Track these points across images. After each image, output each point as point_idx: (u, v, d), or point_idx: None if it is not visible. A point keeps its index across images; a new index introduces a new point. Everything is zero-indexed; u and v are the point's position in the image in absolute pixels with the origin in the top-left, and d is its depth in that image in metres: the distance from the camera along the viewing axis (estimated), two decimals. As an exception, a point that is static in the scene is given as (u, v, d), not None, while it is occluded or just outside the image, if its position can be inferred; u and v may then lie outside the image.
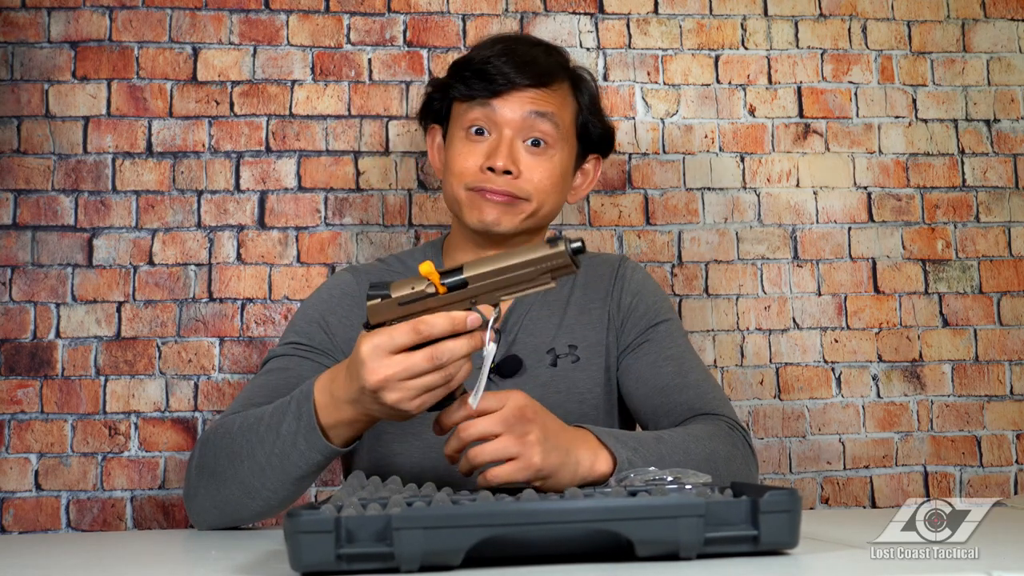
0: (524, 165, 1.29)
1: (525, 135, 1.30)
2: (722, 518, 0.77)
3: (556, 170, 1.32)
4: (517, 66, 1.29)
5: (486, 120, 1.30)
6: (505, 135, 1.29)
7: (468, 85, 1.30)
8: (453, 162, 1.31)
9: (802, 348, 2.00)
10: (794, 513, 0.78)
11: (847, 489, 1.97)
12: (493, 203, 1.29)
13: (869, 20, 2.09)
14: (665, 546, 0.76)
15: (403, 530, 0.73)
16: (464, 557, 0.74)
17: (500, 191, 1.28)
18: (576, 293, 1.39)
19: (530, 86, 1.29)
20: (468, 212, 1.30)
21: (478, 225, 1.30)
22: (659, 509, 0.76)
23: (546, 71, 1.31)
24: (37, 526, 1.83)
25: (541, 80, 1.30)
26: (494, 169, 1.27)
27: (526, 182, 1.29)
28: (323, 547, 0.73)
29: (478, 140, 1.30)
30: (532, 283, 0.96)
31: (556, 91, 1.33)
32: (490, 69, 1.29)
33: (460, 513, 0.76)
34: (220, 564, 0.89)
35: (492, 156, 1.28)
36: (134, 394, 1.87)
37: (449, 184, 1.32)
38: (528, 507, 0.77)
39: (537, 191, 1.30)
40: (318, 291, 1.41)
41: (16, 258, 1.89)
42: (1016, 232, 2.06)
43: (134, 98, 1.94)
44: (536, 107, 1.29)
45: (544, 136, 1.31)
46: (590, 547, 0.77)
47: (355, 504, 0.84)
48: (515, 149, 1.29)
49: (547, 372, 1.33)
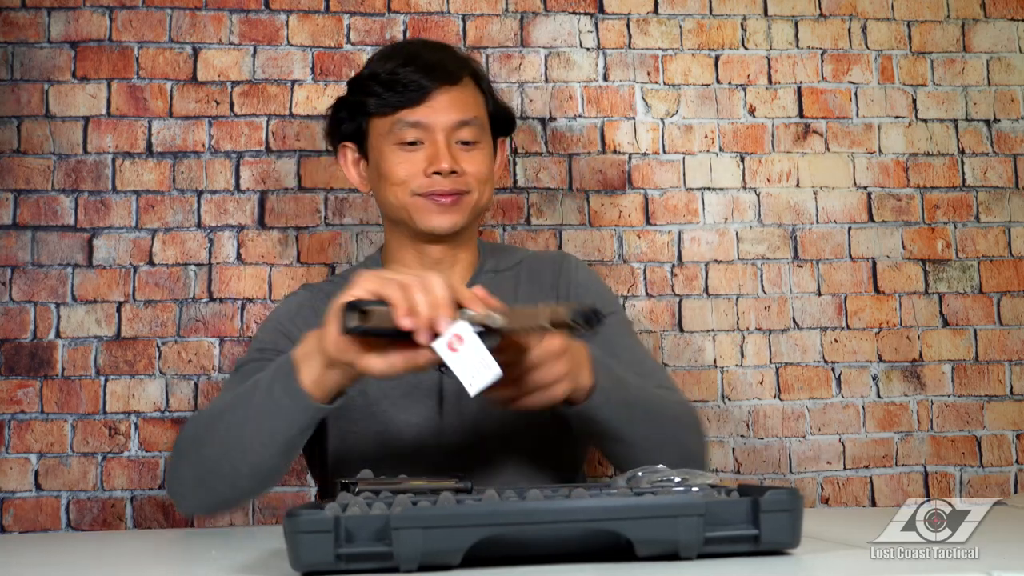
0: (462, 162, 1.34)
1: (454, 137, 1.35)
2: (722, 518, 0.77)
3: (487, 160, 1.38)
4: (426, 71, 1.33)
5: (417, 130, 1.33)
6: (439, 139, 1.33)
7: (383, 98, 1.33)
8: (392, 172, 1.34)
9: (802, 348, 2.00)
10: (795, 513, 0.78)
11: (847, 489, 1.97)
12: (443, 206, 1.33)
13: (869, 20, 2.09)
14: (665, 546, 0.75)
15: (402, 530, 0.73)
16: (463, 557, 0.74)
17: (448, 191, 1.32)
18: (521, 288, 1.41)
19: (445, 85, 1.34)
20: (419, 218, 1.34)
21: (431, 230, 1.34)
22: (659, 508, 0.76)
23: (453, 69, 1.35)
24: (37, 526, 1.83)
25: (452, 78, 1.34)
26: (440, 172, 1.31)
27: (468, 177, 1.34)
28: (322, 547, 0.74)
29: (413, 150, 1.34)
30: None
31: (466, 86, 1.37)
32: (402, 79, 1.32)
33: (459, 513, 0.76)
34: (219, 564, 0.89)
35: (435, 161, 1.32)
36: (134, 394, 1.87)
37: (392, 194, 1.35)
38: (527, 507, 0.77)
39: (477, 183, 1.35)
40: (275, 310, 1.44)
41: (16, 258, 1.89)
42: (1016, 232, 2.06)
43: (134, 98, 1.94)
44: (460, 115, 1.34)
45: (471, 136, 1.36)
46: (590, 547, 0.77)
47: (359, 503, 0.84)
48: (452, 149, 1.33)
49: None
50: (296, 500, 1.87)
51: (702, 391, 1.97)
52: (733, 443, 1.96)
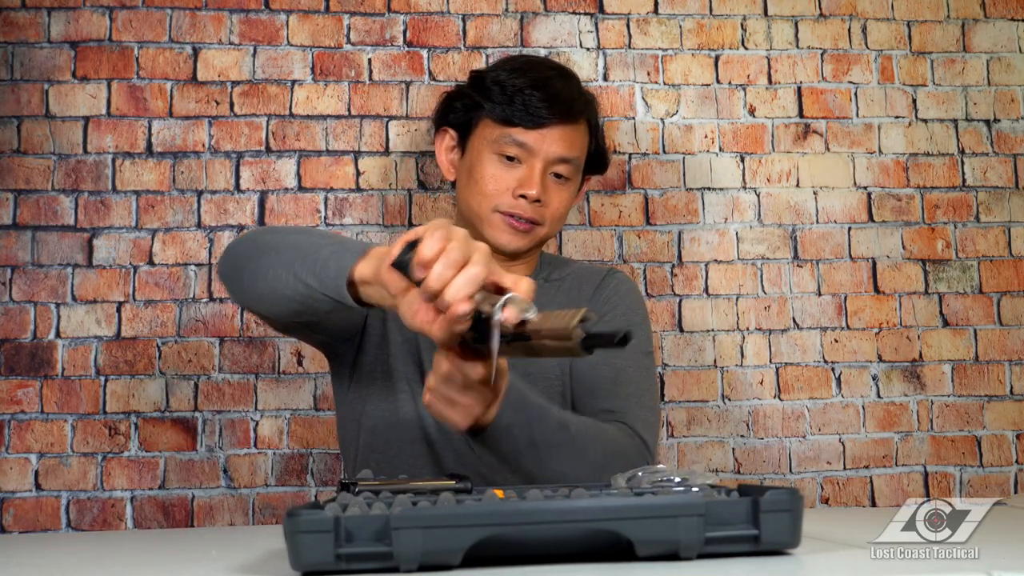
0: (549, 194, 1.39)
1: (552, 169, 1.40)
2: (723, 518, 0.77)
3: (570, 198, 1.44)
4: (550, 102, 1.37)
5: (522, 150, 1.38)
6: (537, 166, 1.37)
7: (505, 113, 1.37)
8: (484, 183, 1.38)
9: (802, 348, 2.00)
10: (795, 513, 0.78)
11: (847, 489, 1.97)
12: (516, 231, 1.38)
13: (869, 20, 2.09)
14: (665, 546, 0.75)
15: (402, 530, 0.73)
16: (463, 557, 0.74)
17: (528, 218, 1.38)
18: (561, 298, 1.46)
19: (561, 122, 1.39)
20: (490, 231, 1.39)
21: (496, 246, 1.38)
22: (659, 509, 0.76)
23: (576, 110, 1.41)
24: (37, 526, 1.83)
25: (571, 118, 1.40)
26: (527, 197, 1.36)
27: (547, 209, 1.39)
28: (322, 547, 0.74)
29: (510, 165, 1.38)
30: None
31: (579, 127, 1.42)
32: (527, 99, 1.37)
33: (459, 513, 0.76)
34: (219, 564, 0.89)
35: (526, 184, 1.37)
36: (134, 394, 1.87)
37: (476, 202, 1.39)
38: (527, 507, 0.77)
39: (553, 218, 1.41)
40: None
41: (16, 258, 1.89)
42: (1016, 232, 2.06)
43: (134, 98, 1.94)
44: (565, 152, 1.39)
45: (567, 172, 1.42)
46: (590, 547, 0.77)
47: (359, 503, 0.84)
48: (546, 180, 1.38)
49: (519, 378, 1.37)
50: (296, 500, 1.87)
51: (702, 391, 1.97)
52: (733, 443, 1.96)
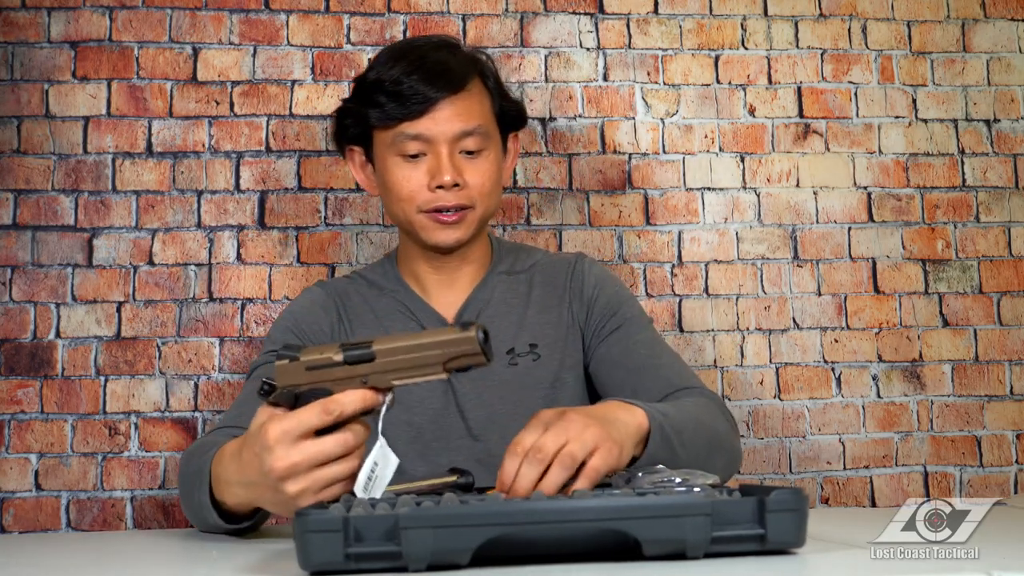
0: (466, 174, 1.31)
1: (458, 147, 1.32)
2: (729, 517, 0.77)
3: (493, 168, 1.34)
4: (431, 79, 1.29)
5: (418, 142, 1.31)
6: (442, 151, 1.30)
7: (386, 111, 1.30)
8: (398, 187, 1.32)
9: (802, 348, 2.00)
10: (800, 512, 0.78)
11: (847, 489, 1.97)
12: (447, 224, 1.31)
13: (869, 20, 2.09)
14: (672, 545, 0.76)
15: (411, 529, 0.73)
16: (471, 556, 0.74)
17: (452, 205, 1.30)
18: (535, 291, 1.41)
19: (449, 95, 1.30)
20: (424, 234, 1.33)
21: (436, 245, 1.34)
22: (666, 508, 0.76)
23: (459, 75, 1.31)
24: (37, 526, 1.83)
25: (457, 86, 1.31)
26: (443, 186, 1.29)
27: (471, 189, 1.32)
28: (332, 546, 0.74)
29: (415, 162, 1.31)
30: (429, 369, 0.94)
31: (472, 91, 1.33)
32: (405, 90, 1.29)
33: (468, 512, 0.76)
34: (219, 564, 0.89)
35: (437, 174, 1.29)
36: (134, 394, 1.87)
37: (399, 208, 1.34)
38: (535, 506, 0.77)
39: (481, 195, 1.33)
40: (289, 306, 1.44)
41: (16, 258, 1.89)
42: (1016, 232, 2.06)
43: (134, 98, 1.94)
44: (464, 124, 1.31)
45: (476, 145, 1.33)
46: (597, 546, 0.77)
47: (364, 503, 0.84)
48: (456, 161, 1.31)
49: (507, 372, 1.35)
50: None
51: (702, 391, 1.97)
52: (733, 443, 1.96)
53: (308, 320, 1.37)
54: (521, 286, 1.41)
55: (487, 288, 1.40)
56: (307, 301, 1.41)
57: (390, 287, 1.42)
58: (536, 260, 1.45)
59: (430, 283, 1.40)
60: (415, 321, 1.38)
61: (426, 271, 1.40)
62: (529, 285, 1.42)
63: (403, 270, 1.43)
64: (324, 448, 0.92)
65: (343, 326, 1.39)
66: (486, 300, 1.40)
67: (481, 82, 1.36)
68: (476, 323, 0.93)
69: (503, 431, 1.28)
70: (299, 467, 0.92)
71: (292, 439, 0.92)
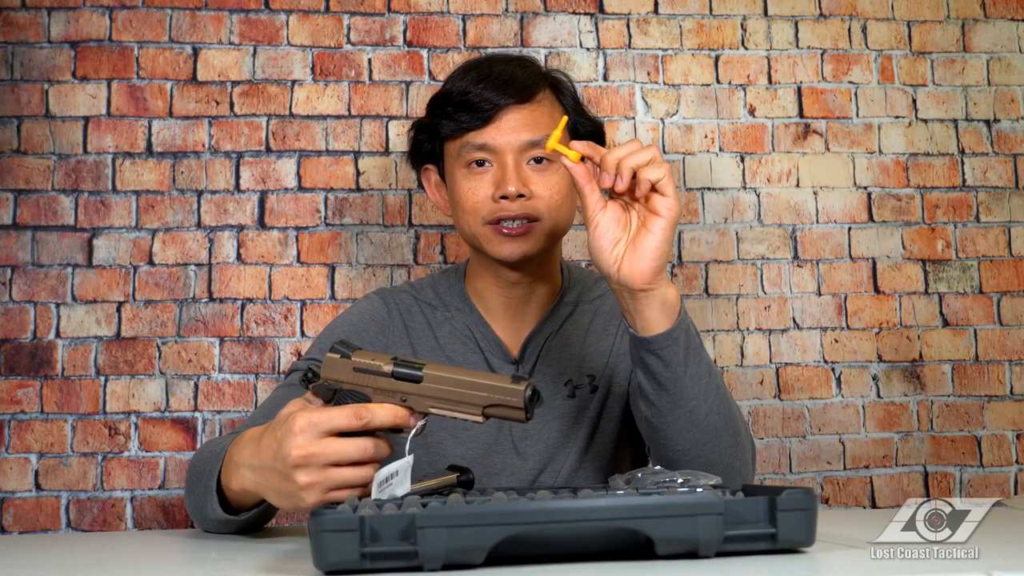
0: (533, 185, 1.27)
1: (526, 156, 1.28)
2: (741, 516, 0.78)
3: (562, 182, 1.29)
4: (498, 88, 1.27)
5: (484, 152, 1.28)
6: (508, 160, 1.26)
7: (455, 120, 1.28)
8: (464, 199, 1.29)
9: (802, 348, 2.00)
10: (811, 512, 0.79)
11: (847, 489, 1.97)
12: (510, 237, 1.27)
13: (869, 20, 2.09)
14: (685, 544, 0.76)
15: (427, 528, 0.74)
16: (486, 556, 0.74)
17: (517, 216, 1.26)
18: (596, 320, 1.38)
19: (516, 103, 1.27)
20: (489, 247, 1.29)
21: (500, 258, 1.29)
22: (679, 507, 0.77)
23: (527, 84, 1.28)
24: (37, 526, 1.83)
25: (524, 95, 1.28)
26: (507, 196, 1.25)
27: (538, 201, 1.27)
28: (348, 546, 0.74)
29: (481, 172, 1.28)
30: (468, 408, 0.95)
31: (541, 102, 1.30)
32: (472, 98, 1.26)
33: (483, 512, 0.76)
34: (233, 564, 0.89)
35: (502, 184, 1.25)
36: (134, 394, 1.87)
37: (465, 222, 1.30)
38: (549, 506, 0.77)
39: (549, 208, 1.28)
40: (348, 312, 1.40)
41: (16, 258, 1.89)
42: (1016, 232, 2.06)
43: (134, 98, 1.94)
44: (531, 134, 1.27)
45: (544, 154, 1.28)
46: (610, 545, 0.78)
47: (370, 504, 0.84)
48: (521, 170, 1.26)
49: (565, 403, 1.33)
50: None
51: (702, 391, 1.97)
52: (733, 443, 1.96)
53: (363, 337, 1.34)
54: (584, 317, 1.38)
55: (553, 321, 1.36)
56: (366, 315, 1.38)
57: (455, 304, 1.38)
58: (603, 291, 1.40)
59: (497, 305, 1.36)
60: (479, 353, 1.34)
61: (494, 293, 1.35)
62: (591, 314, 1.38)
63: (470, 288, 1.39)
64: (344, 449, 0.93)
65: (405, 342, 1.35)
66: (551, 333, 1.36)
67: (553, 95, 1.33)
68: (530, 380, 0.94)
69: (557, 465, 1.30)
70: (315, 459, 0.93)
71: (317, 432, 0.93)
